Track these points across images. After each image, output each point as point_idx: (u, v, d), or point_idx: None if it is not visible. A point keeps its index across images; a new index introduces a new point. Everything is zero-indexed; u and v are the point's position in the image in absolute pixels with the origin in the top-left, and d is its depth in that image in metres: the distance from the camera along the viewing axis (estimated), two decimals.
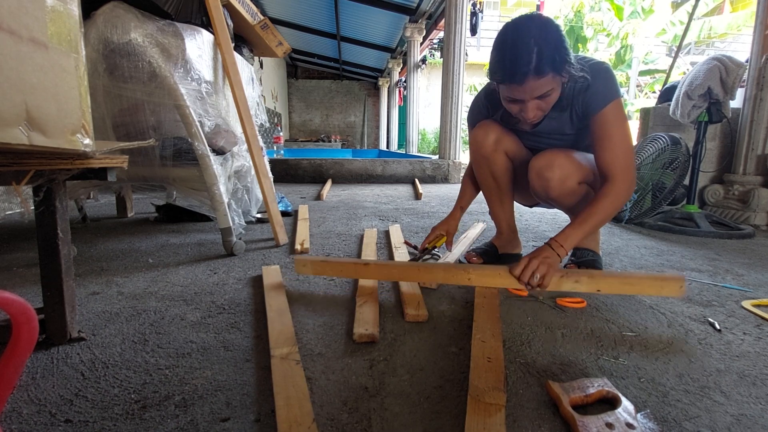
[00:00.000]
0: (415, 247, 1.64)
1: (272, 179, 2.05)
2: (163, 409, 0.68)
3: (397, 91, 11.45)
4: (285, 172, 4.51)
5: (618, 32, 11.31)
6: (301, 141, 12.43)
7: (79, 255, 1.56)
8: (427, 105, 12.54)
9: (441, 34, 7.31)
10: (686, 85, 2.24)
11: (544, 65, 0.97)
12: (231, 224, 1.55)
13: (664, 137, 2.28)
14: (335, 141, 12.73)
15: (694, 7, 3.98)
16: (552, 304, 1.11)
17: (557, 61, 0.98)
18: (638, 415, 0.65)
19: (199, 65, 1.56)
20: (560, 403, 0.67)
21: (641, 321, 1.03)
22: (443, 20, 4.90)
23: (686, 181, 2.29)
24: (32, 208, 0.83)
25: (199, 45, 1.59)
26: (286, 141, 11.39)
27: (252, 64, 2.17)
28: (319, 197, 3.22)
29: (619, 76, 11.91)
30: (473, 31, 5.73)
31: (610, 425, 0.62)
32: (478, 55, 12.46)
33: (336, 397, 0.71)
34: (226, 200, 1.54)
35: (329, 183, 4.10)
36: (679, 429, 0.64)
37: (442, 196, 3.51)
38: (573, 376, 0.78)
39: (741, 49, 11.97)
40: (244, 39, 2.17)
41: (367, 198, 3.27)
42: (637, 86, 12.05)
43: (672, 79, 3.28)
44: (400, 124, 12.04)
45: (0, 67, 0.56)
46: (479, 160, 1.36)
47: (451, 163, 4.70)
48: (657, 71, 11.87)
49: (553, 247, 1.04)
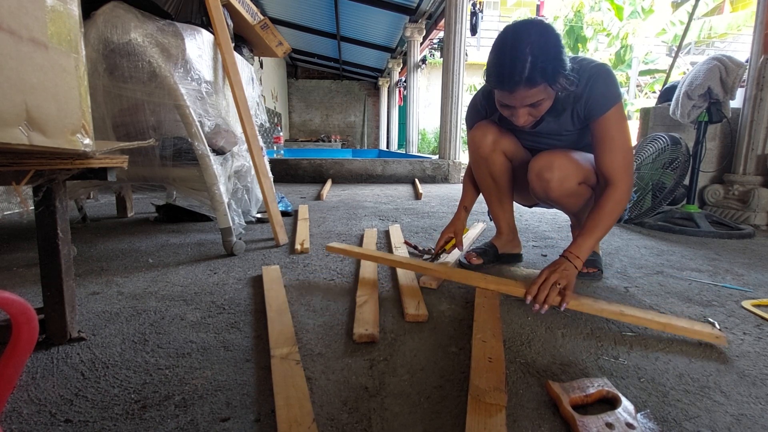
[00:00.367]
0: (415, 247, 1.64)
1: (272, 179, 2.05)
2: (163, 409, 0.68)
3: (397, 91, 11.45)
4: (285, 172, 4.51)
5: (618, 32, 11.31)
6: (301, 141, 12.43)
7: (79, 255, 1.56)
8: (427, 105, 12.55)
9: (441, 34, 7.32)
10: (686, 85, 2.24)
11: (537, 76, 0.97)
12: (231, 224, 1.55)
13: (664, 137, 2.29)
14: (335, 141, 12.73)
15: (694, 7, 3.98)
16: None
17: (550, 72, 0.98)
18: (638, 415, 0.65)
19: (199, 65, 1.56)
20: (560, 403, 0.67)
21: None
22: (443, 20, 4.90)
23: (686, 181, 2.29)
24: (32, 208, 0.83)
25: (199, 45, 1.59)
26: (286, 141, 11.39)
27: (252, 64, 2.17)
28: (319, 197, 3.22)
29: (619, 76, 11.92)
30: (473, 31, 5.73)
31: (610, 425, 0.62)
32: (478, 55, 12.46)
33: (336, 397, 0.71)
34: (226, 200, 1.54)
35: (329, 183, 4.10)
36: (679, 429, 0.64)
37: (442, 196, 3.51)
38: (573, 376, 0.78)
39: (741, 49, 11.97)
40: (244, 39, 2.17)
41: (367, 198, 3.27)
42: (637, 86, 12.06)
43: (672, 79, 3.28)
44: (400, 124, 12.05)
45: (0, 67, 0.56)
46: (478, 160, 1.36)
47: (451, 163, 4.70)
48: (657, 71, 11.87)
49: (570, 259, 1.05)
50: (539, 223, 2.26)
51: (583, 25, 11.82)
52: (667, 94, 2.79)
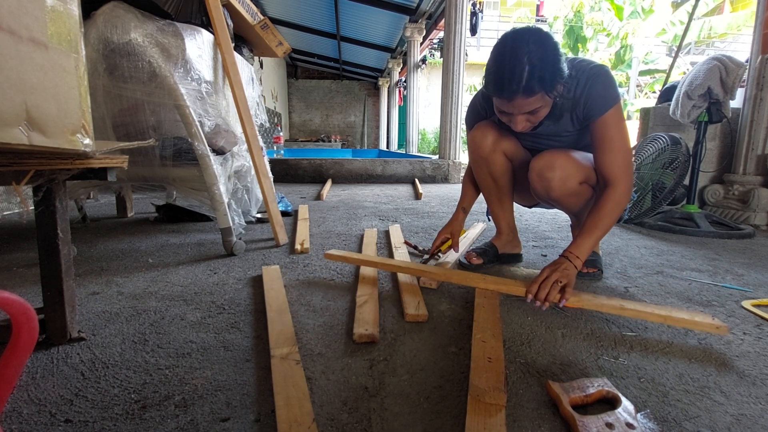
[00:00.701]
0: (415, 247, 1.64)
1: (272, 179, 2.05)
2: (163, 409, 0.68)
3: (397, 91, 11.45)
4: (285, 172, 4.51)
5: (618, 32, 11.31)
6: (301, 141, 12.43)
7: (79, 255, 1.56)
8: (427, 105, 12.55)
9: (441, 34, 7.32)
10: (686, 85, 2.24)
11: (535, 85, 0.98)
12: (231, 224, 1.55)
13: (664, 137, 2.29)
14: (335, 141, 12.72)
15: (694, 7, 3.98)
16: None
17: (548, 81, 0.99)
18: (638, 415, 0.65)
19: (199, 65, 1.56)
20: (560, 403, 0.67)
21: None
22: (443, 20, 4.90)
23: (686, 181, 2.29)
24: (32, 208, 0.83)
25: (199, 45, 1.59)
26: (286, 141, 11.39)
27: (252, 64, 2.17)
28: (319, 197, 3.22)
29: (619, 76, 11.92)
30: (473, 31, 5.73)
31: (610, 425, 0.62)
32: (478, 55, 12.47)
33: (336, 397, 0.71)
34: (226, 200, 1.54)
35: (329, 183, 4.10)
36: (679, 429, 0.64)
37: (442, 196, 3.51)
38: (573, 376, 0.78)
39: (741, 49, 11.97)
40: (244, 39, 2.17)
41: (367, 198, 3.27)
42: (637, 86, 12.06)
43: (672, 79, 3.28)
44: (400, 124, 12.04)
45: (0, 67, 0.56)
46: (478, 160, 1.36)
47: (451, 163, 4.70)
48: (657, 71, 11.88)
49: (570, 259, 1.05)
50: (539, 223, 2.26)
51: (583, 25, 11.82)
52: (667, 94, 2.79)
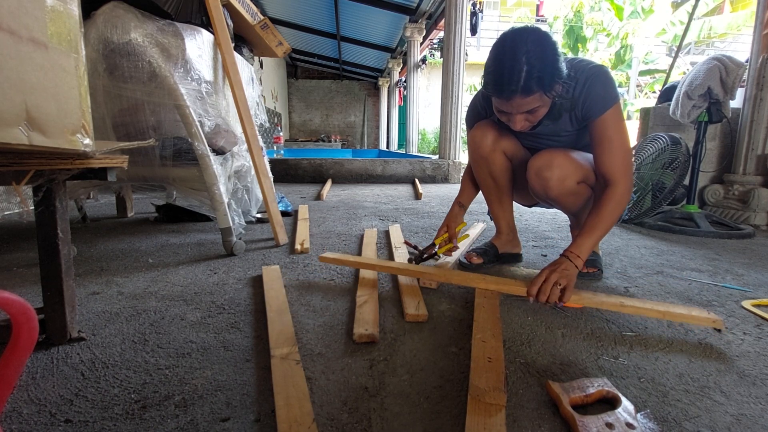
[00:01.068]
0: (415, 247, 1.64)
1: (272, 179, 2.05)
2: (163, 409, 0.68)
3: (397, 91, 11.44)
4: (285, 172, 4.51)
5: (618, 32, 11.31)
6: (301, 141, 12.43)
7: (79, 255, 1.56)
8: (427, 105, 12.55)
9: (441, 34, 7.31)
10: (686, 85, 2.24)
11: (533, 85, 0.99)
12: (231, 224, 1.55)
13: (664, 137, 2.29)
14: (335, 141, 12.72)
15: (694, 7, 3.98)
16: (552, 305, 1.11)
17: (546, 81, 0.99)
18: (638, 415, 0.65)
19: (199, 65, 1.56)
20: (560, 403, 0.67)
21: (641, 321, 1.03)
22: (443, 20, 4.90)
23: (686, 181, 2.29)
24: (32, 208, 0.83)
25: (199, 45, 1.59)
26: (286, 141, 11.39)
27: (252, 64, 2.17)
28: (319, 197, 3.22)
29: (619, 76, 11.93)
30: (473, 31, 5.73)
31: (610, 425, 0.62)
32: (478, 55, 12.46)
33: (336, 397, 0.71)
34: (226, 200, 1.54)
35: (329, 183, 4.10)
36: (679, 429, 0.64)
37: (442, 196, 3.51)
38: (573, 376, 0.78)
39: (741, 49, 11.97)
40: (244, 39, 2.17)
41: (367, 198, 3.27)
42: (637, 86, 12.06)
43: (672, 79, 3.28)
44: (400, 124, 12.04)
45: (0, 67, 0.56)
46: (478, 160, 1.36)
47: (451, 163, 4.70)
48: (657, 71, 11.87)
49: (571, 258, 1.05)
50: (539, 223, 2.26)
51: (583, 25, 11.82)
52: (667, 94, 2.79)
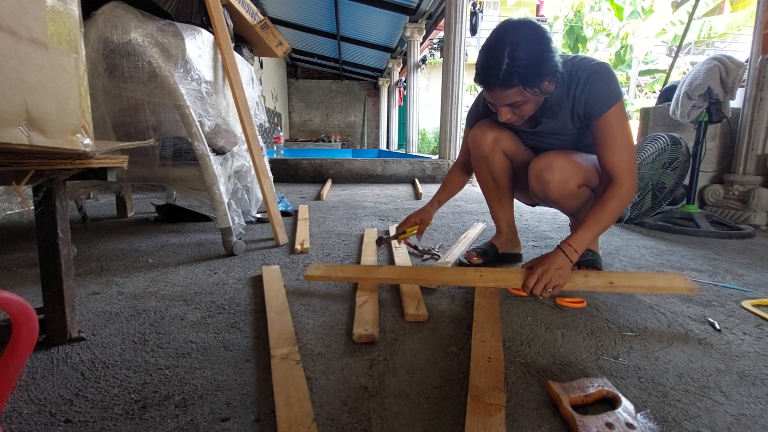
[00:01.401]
0: (415, 247, 1.64)
1: (272, 179, 2.05)
2: (163, 409, 0.68)
3: (397, 91, 11.44)
4: (285, 172, 4.51)
5: (618, 32, 11.31)
6: (301, 141, 12.43)
7: (79, 255, 1.56)
8: (427, 105, 12.54)
9: (441, 34, 7.31)
10: (686, 85, 2.24)
11: (512, 79, 0.99)
12: (231, 224, 1.55)
13: (664, 137, 2.28)
14: (335, 141, 12.72)
15: (694, 7, 3.98)
16: (552, 304, 1.11)
17: (528, 76, 0.99)
18: (638, 415, 0.65)
19: (199, 65, 1.56)
20: (560, 403, 0.67)
21: (641, 321, 1.03)
22: (443, 20, 4.90)
23: (686, 181, 2.29)
24: (32, 208, 0.83)
25: (199, 45, 1.59)
26: (286, 141, 11.39)
27: (252, 64, 2.17)
28: (319, 197, 3.22)
29: (619, 76, 11.92)
30: (473, 31, 5.73)
31: (610, 425, 0.62)
32: None
33: (336, 397, 0.71)
34: (226, 200, 1.54)
35: (329, 183, 4.10)
36: (679, 429, 0.64)
37: None
38: (573, 376, 0.78)
39: (741, 49, 11.96)
40: (244, 39, 2.17)
41: (367, 198, 3.27)
42: (637, 86, 12.06)
43: (672, 79, 3.28)
44: (400, 124, 12.04)
45: (0, 67, 0.56)
46: (478, 159, 1.36)
47: (451, 163, 4.70)
48: (657, 71, 11.87)
49: (566, 252, 1.05)
50: (539, 223, 2.26)
51: (583, 25, 11.82)
52: (667, 94, 2.79)
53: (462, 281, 1.16)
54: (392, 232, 1.91)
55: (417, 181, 4.36)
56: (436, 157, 5.03)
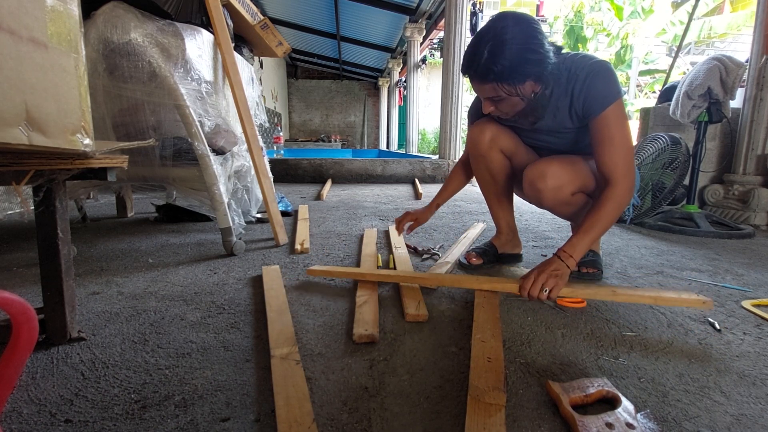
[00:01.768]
0: (415, 249, 1.64)
1: (272, 179, 2.05)
2: (163, 409, 0.68)
3: (397, 91, 11.44)
4: (285, 172, 4.51)
5: (618, 32, 11.31)
6: (301, 141, 12.43)
7: (79, 255, 1.56)
8: (427, 105, 12.54)
9: (441, 34, 7.32)
10: (686, 85, 2.24)
11: (487, 74, 1.01)
12: (231, 224, 1.55)
13: (664, 137, 2.28)
14: (335, 141, 12.72)
15: (694, 7, 3.98)
16: (552, 304, 1.11)
17: (501, 74, 1.00)
18: (638, 415, 0.65)
19: (199, 65, 1.56)
20: (560, 403, 0.67)
21: (641, 321, 1.03)
22: (443, 20, 4.90)
23: (686, 181, 2.29)
24: (32, 208, 0.83)
25: (199, 45, 1.59)
26: (286, 141, 11.39)
27: (252, 64, 2.17)
28: (319, 197, 3.22)
29: (619, 76, 11.92)
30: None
31: (610, 425, 0.62)
32: None
33: (336, 397, 0.71)
34: (226, 200, 1.54)
35: (329, 183, 4.10)
36: (679, 429, 0.64)
37: None
38: (573, 376, 0.78)
39: (741, 49, 11.96)
40: (244, 39, 2.17)
41: (367, 198, 3.27)
42: (637, 86, 12.06)
43: (672, 79, 3.28)
44: (400, 124, 12.04)
45: (0, 67, 0.56)
46: (476, 158, 1.36)
47: (450, 163, 4.70)
48: (657, 71, 11.87)
49: (562, 258, 1.03)
50: (539, 223, 2.26)
51: (583, 25, 11.82)
52: (667, 94, 2.79)
53: (458, 283, 1.16)
54: (392, 232, 1.91)
55: (417, 181, 4.36)
56: (436, 157, 5.03)
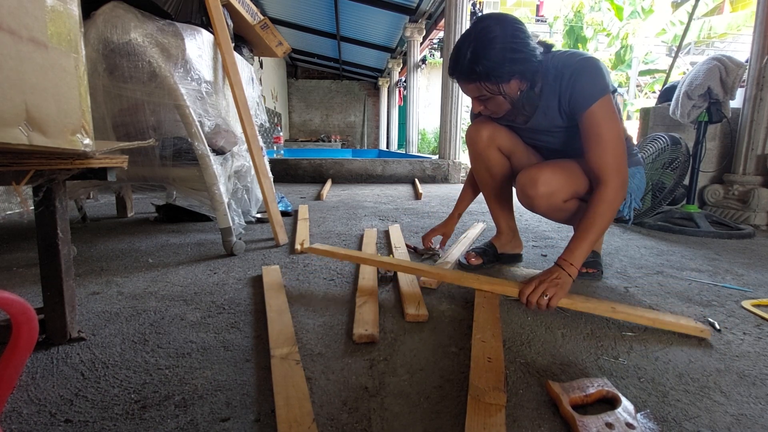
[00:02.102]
0: (415, 249, 1.64)
1: (272, 179, 2.05)
2: (163, 409, 0.68)
3: (397, 91, 11.44)
4: (285, 172, 4.51)
5: (618, 32, 11.31)
6: (301, 141, 12.43)
7: (79, 255, 1.56)
8: (427, 105, 12.54)
9: (441, 34, 7.32)
10: (686, 85, 2.24)
11: (471, 74, 1.03)
12: (231, 224, 1.55)
13: (664, 137, 2.28)
14: (335, 141, 12.72)
15: (694, 7, 3.98)
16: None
17: (484, 74, 1.02)
18: (638, 414, 0.65)
19: (199, 65, 1.56)
20: (560, 403, 0.67)
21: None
22: (443, 20, 4.90)
23: (686, 181, 2.29)
24: (32, 208, 0.83)
25: (199, 45, 1.59)
26: (286, 141, 11.39)
27: (252, 64, 2.17)
28: (319, 197, 3.22)
29: (619, 76, 11.92)
30: None
31: (610, 425, 0.62)
32: None
33: (336, 397, 0.71)
34: (226, 200, 1.54)
35: (329, 183, 4.10)
36: (679, 429, 0.64)
37: (442, 196, 3.51)
38: (573, 376, 0.78)
39: (741, 49, 11.96)
40: (244, 39, 2.17)
41: (367, 198, 3.27)
42: (637, 86, 12.05)
43: (672, 79, 3.28)
44: (400, 124, 12.04)
45: (0, 67, 0.56)
46: (475, 156, 1.36)
47: (451, 163, 4.70)
48: (657, 71, 11.87)
49: (564, 267, 1.02)
50: (539, 223, 2.26)
51: (583, 25, 11.82)
52: (667, 94, 2.79)
53: (458, 280, 1.16)
54: (392, 232, 1.91)
55: (417, 181, 4.36)
56: (436, 157, 5.03)
